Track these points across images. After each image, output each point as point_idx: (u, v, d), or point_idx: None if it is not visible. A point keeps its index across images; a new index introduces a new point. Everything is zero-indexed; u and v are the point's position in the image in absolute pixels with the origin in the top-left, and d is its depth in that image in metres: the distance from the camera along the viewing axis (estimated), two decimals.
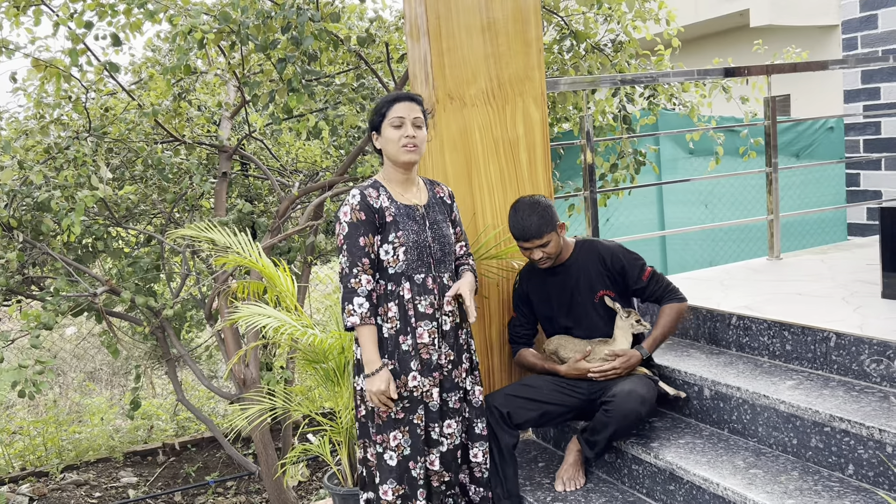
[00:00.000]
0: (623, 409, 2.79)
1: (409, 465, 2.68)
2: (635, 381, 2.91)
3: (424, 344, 2.67)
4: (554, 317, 3.18)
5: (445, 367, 2.74)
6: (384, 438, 2.67)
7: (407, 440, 2.68)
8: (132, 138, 5.22)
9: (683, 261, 6.76)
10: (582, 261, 3.11)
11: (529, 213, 2.97)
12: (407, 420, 2.67)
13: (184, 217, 6.14)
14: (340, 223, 2.63)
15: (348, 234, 2.60)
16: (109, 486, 6.73)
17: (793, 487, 2.51)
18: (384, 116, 2.68)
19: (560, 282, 3.13)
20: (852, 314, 3.14)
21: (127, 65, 5.84)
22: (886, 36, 5.30)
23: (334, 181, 5.27)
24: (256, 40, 4.24)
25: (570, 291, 3.12)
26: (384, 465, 2.68)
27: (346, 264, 2.59)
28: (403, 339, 2.65)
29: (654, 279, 3.08)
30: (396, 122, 2.65)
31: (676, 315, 3.06)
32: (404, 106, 2.67)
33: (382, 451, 2.68)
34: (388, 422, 2.66)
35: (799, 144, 7.22)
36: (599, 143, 5.54)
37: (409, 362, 2.65)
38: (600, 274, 3.09)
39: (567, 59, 5.41)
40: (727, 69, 4.52)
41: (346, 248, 2.60)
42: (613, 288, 3.10)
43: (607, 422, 2.83)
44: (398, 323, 2.65)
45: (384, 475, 2.67)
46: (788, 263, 4.42)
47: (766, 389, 2.84)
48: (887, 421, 2.44)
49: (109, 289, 4.95)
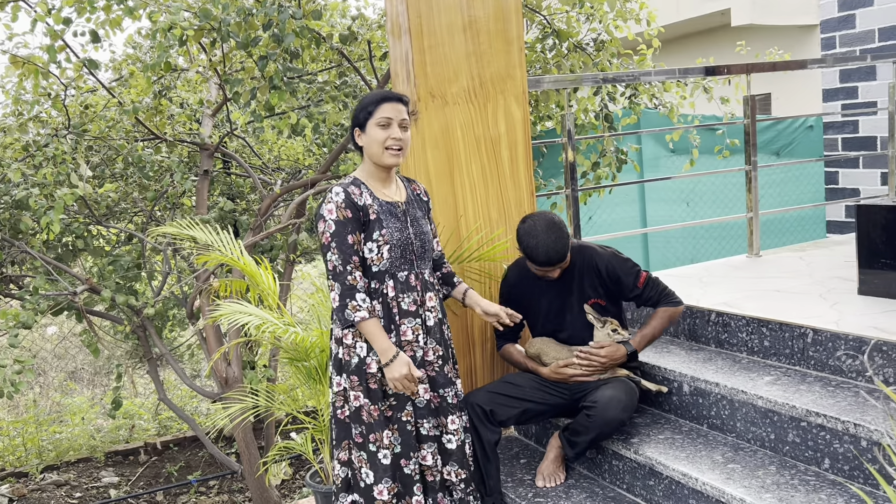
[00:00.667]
0: (605, 415, 2.80)
1: (401, 462, 2.68)
2: (617, 387, 2.90)
3: (409, 341, 2.67)
4: (541, 319, 3.18)
5: (435, 362, 2.74)
6: (377, 437, 2.65)
7: (397, 438, 2.67)
8: (112, 136, 5.18)
9: (665, 258, 6.80)
10: (577, 267, 3.08)
11: (554, 237, 2.88)
12: (395, 418, 2.66)
13: (165, 215, 6.11)
14: (325, 221, 2.59)
15: (336, 232, 2.57)
16: (90, 487, 6.69)
17: (770, 482, 2.54)
18: (371, 115, 2.64)
19: (552, 286, 3.11)
20: (829, 310, 3.18)
21: (107, 62, 5.79)
22: (864, 35, 5.36)
23: (317, 179, 5.26)
24: (238, 37, 4.22)
25: (561, 295, 3.11)
26: (378, 464, 2.66)
27: (339, 262, 2.56)
28: (388, 336, 2.65)
29: (649, 285, 3.05)
30: (384, 122, 2.62)
31: (669, 318, 3.06)
32: (392, 106, 2.64)
33: (376, 450, 2.66)
34: (377, 421, 2.65)
35: (779, 143, 7.29)
36: (581, 141, 5.57)
37: None
38: (593, 282, 3.07)
39: (550, 57, 5.43)
40: (708, 68, 4.56)
41: (335, 246, 2.57)
42: (606, 296, 3.09)
43: (589, 426, 2.84)
44: (382, 321, 2.64)
45: (379, 475, 2.66)
46: (768, 260, 4.47)
47: (744, 385, 2.87)
48: (862, 416, 2.47)
49: (89, 287, 4.92)
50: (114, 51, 8.21)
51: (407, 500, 2.70)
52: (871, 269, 3.37)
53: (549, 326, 3.16)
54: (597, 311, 3.08)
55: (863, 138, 5.49)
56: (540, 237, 2.89)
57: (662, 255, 6.82)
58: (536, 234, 2.90)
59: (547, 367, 3.07)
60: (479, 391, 3.05)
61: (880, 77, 5.28)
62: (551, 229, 2.90)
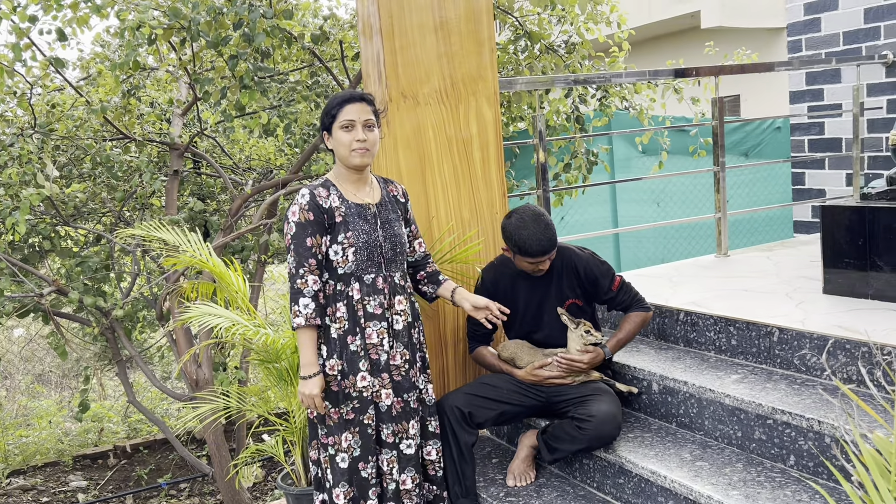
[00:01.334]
0: (600, 431, 2.80)
1: (359, 465, 2.66)
2: (610, 401, 2.89)
3: (373, 344, 2.65)
4: (517, 319, 3.18)
5: (402, 367, 2.71)
6: (335, 440, 2.65)
7: (357, 441, 2.65)
8: (80, 135, 5.12)
9: (636, 258, 6.86)
10: (556, 268, 3.10)
11: (543, 226, 2.90)
12: (357, 420, 2.65)
13: (134, 216, 6.05)
14: (288, 223, 2.61)
15: (295, 235, 2.58)
16: (58, 491, 6.59)
17: (737, 479, 2.58)
18: (334, 118, 2.63)
19: (531, 284, 3.12)
20: (795, 309, 3.23)
21: (75, 60, 5.72)
22: (829, 39, 5.45)
23: (288, 179, 5.24)
24: (208, 37, 4.19)
25: (539, 296, 3.12)
26: (336, 467, 2.65)
27: (294, 264, 2.58)
28: (352, 339, 2.63)
29: (623, 289, 3.10)
30: (347, 124, 2.61)
31: (641, 322, 3.10)
32: (355, 108, 2.62)
33: (334, 453, 2.65)
34: (339, 423, 2.64)
35: (747, 144, 7.39)
36: (553, 142, 5.60)
37: (357, 363, 2.63)
38: (572, 283, 3.09)
39: (521, 59, 5.46)
40: (677, 70, 4.61)
41: (293, 249, 2.58)
42: (583, 297, 3.12)
43: (579, 438, 2.83)
44: (346, 323, 2.63)
45: (336, 478, 2.65)
46: (736, 260, 4.52)
47: (712, 384, 2.91)
48: (825, 413, 2.51)
49: (57, 289, 4.86)
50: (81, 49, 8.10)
51: None
52: (835, 268, 3.43)
53: (526, 328, 3.17)
54: (573, 311, 3.10)
55: (828, 140, 5.59)
56: (530, 228, 2.90)
57: (633, 255, 6.88)
58: (526, 225, 2.91)
59: (522, 369, 3.08)
60: (457, 393, 3.04)
61: (845, 80, 5.37)
62: (539, 219, 2.92)
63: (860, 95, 4.94)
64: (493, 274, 3.19)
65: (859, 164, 4.97)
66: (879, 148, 5.24)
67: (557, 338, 3.10)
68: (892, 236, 3.19)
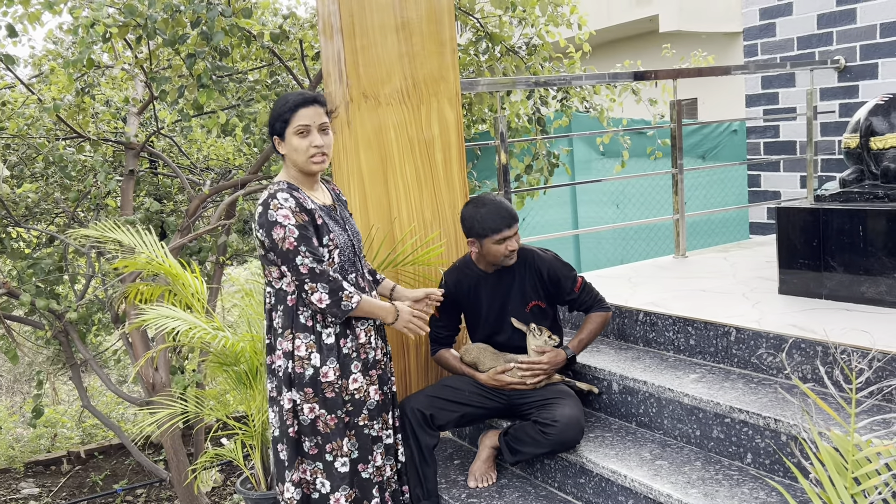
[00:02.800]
0: (563, 436, 2.80)
1: (359, 467, 2.65)
2: (573, 405, 2.90)
3: (362, 344, 2.64)
4: (480, 321, 3.18)
5: (382, 360, 2.74)
6: (334, 446, 2.59)
7: (354, 444, 2.63)
8: (32, 134, 5.00)
9: (596, 259, 6.92)
10: (519, 269, 3.10)
11: (499, 203, 2.99)
12: (353, 423, 2.63)
13: (88, 216, 5.92)
14: (284, 227, 2.46)
15: (301, 237, 2.47)
16: (9, 499, 6.42)
17: (696, 477, 2.61)
18: (287, 123, 2.53)
19: (494, 286, 3.12)
20: (751, 309, 3.28)
21: (26, 57, 5.58)
22: (784, 43, 5.55)
23: (247, 179, 5.17)
24: (165, 35, 4.12)
25: (502, 297, 3.12)
26: (335, 472, 2.60)
27: (315, 263, 2.47)
28: (344, 342, 2.59)
29: (584, 290, 3.12)
30: (301, 129, 2.52)
31: (602, 323, 3.13)
32: (309, 112, 2.52)
33: (333, 458, 2.59)
34: (335, 429, 2.58)
35: (705, 146, 7.51)
36: (514, 144, 5.62)
37: (349, 365, 2.60)
38: (535, 285, 3.10)
39: (483, 60, 5.47)
40: (636, 73, 4.66)
41: (305, 250, 2.46)
42: (545, 298, 3.13)
43: (542, 442, 2.84)
44: (338, 326, 2.58)
45: (335, 483, 2.60)
46: (693, 261, 4.59)
47: (671, 383, 2.94)
48: (782, 411, 2.56)
49: (7, 291, 4.73)
50: (33, 46, 7.91)
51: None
52: (790, 269, 3.49)
53: (489, 329, 3.17)
54: (535, 313, 3.11)
55: (783, 142, 5.70)
56: (488, 206, 2.98)
57: (593, 256, 6.94)
58: (484, 204, 2.99)
59: (484, 373, 3.08)
60: (419, 395, 3.03)
61: (799, 84, 5.48)
62: (495, 199, 3.01)
63: (814, 99, 5.05)
64: (456, 276, 3.18)
65: (813, 166, 5.08)
66: (833, 151, 5.36)
67: (519, 339, 3.11)
68: (846, 237, 3.26)
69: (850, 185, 3.50)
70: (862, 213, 3.21)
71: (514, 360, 3.05)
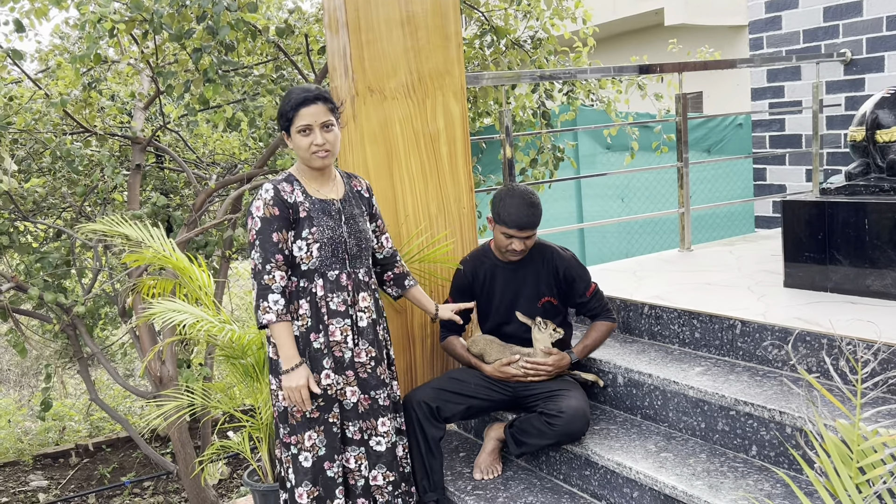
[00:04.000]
0: (570, 428, 2.81)
1: (325, 465, 2.65)
2: (579, 396, 2.92)
3: (337, 342, 2.63)
4: (492, 310, 3.19)
5: (367, 364, 2.69)
6: (298, 439, 2.62)
7: (322, 440, 2.63)
8: (39, 129, 5.01)
9: (601, 253, 6.93)
10: (536, 263, 3.12)
11: (528, 204, 2.97)
12: (322, 419, 2.63)
13: (95, 211, 5.94)
14: (253, 218, 2.55)
15: (261, 230, 2.53)
16: (17, 491, 6.46)
17: (700, 469, 2.62)
18: (291, 121, 2.57)
19: (509, 277, 3.13)
20: (756, 302, 3.29)
21: (33, 52, 5.61)
22: (789, 36, 5.54)
23: (253, 174, 5.19)
24: (171, 29, 4.13)
25: (516, 290, 3.14)
26: (299, 466, 2.63)
27: (259, 261, 2.53)
28: (315, 336, 2.61)
29: (595, 296, 3.14)
30: (303, 128, 2.55)
31: (607, 332, 3.15)
32: (311, 111, 2.54)
33: (297, 452, 2.62)
34: (302, 422, 2.61)
35: (710, 140, 7.50)
36: (519, 137, 5.62)
37: (321, 360, 2.61)
38: (549, 282, 3.11)
39: (488, 54, 5.47)
40: (642, 66, 4.65)
41: (258, 244, 2.53)
42: (558, 297, 3.14)
43: (548, 433, 2.85)
44: (309, 321, 2.60)
45: (299, 477, 2.62)
46: (699, 255, 4.59)
47: (676, 376, 2.95)
48: (787, 403, 2.57)
49: (16, 285, 4.76)
50: (40, 41, 7.93)
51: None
52: (795, 262, 3.49)
53: (498, 319, 3.18)
54: (547, 309, 3.12)
55: (789, 136, 5.69)
56: (517, 200, 2.98)
57: (598, 250, 6.95)
58: (515, 196, 2.99)
59: (490, 365, 3.09)
60: (425, 388, 3.04)
61: (804, 77, 5.47)
62: (529, 197, 3.00)
63: (819, 93, 5.04)
64: (473, 264, 3.20)
65: (819, 160, 5.07)
66: (838, 144, 5.36)
67: (526, 331, 3.12)
68: (851, 231, 3.26)
69: (856, 179, 3.50)
70: (867, 207, 3.21)
71: (521, 354, 3.06)
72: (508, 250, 3.03)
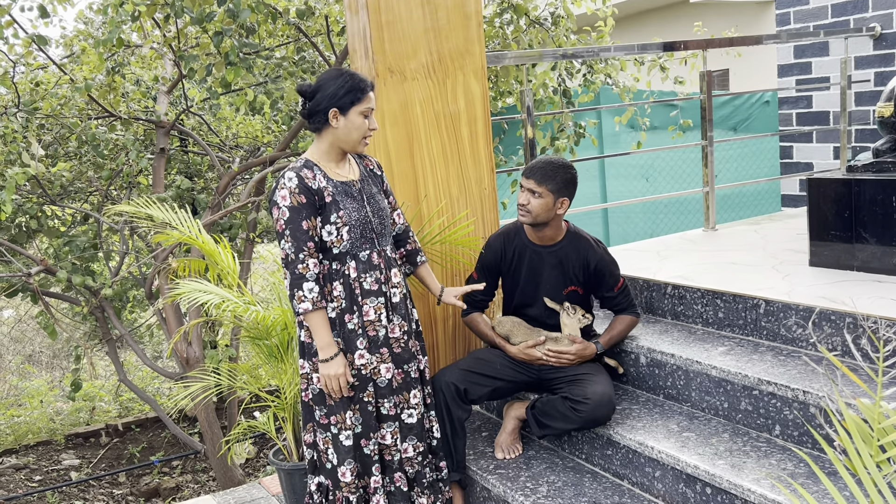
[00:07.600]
0: (596, 414, 2.81)
1: (362, 442, 2.69)
2: (604, 382, 2.91)
3: (371, 321, 2.66)
4: (517, 291, 3.18)
5: (401, 339, 2.73)
6: (338, 419, 2.65)
7: (358, 418, 2.68)
8: (65, 114, 5.07)
9: (625, 233, 6.89)
10: (567, 252, 3.10)
11: (548, 161, 3.00)
12: (357, 398, 2.67)
13: (121, 194, 6.01)
14: (280, 208, 2.55)
15: (290, 219, 2.54)
16: (50, 470, 6.61)
17: (723, 449, 2.61)
18: (358, 101, 2.59)
19: (538, 260, 3.12)
20: (781, 282, 3.26)
21: (58, 38, 5.65)
22: (817, 11, 5.44)
23: (276, 156, 5.21)
24: (192, 13, 4.15)
25: (543, 273, 3.12)
26: (340, 446, 2.67)
27: (292, 250, 2.54)
28: (349, 317, 2.64)
29: (623, 292, 3.13)
30: (367, 112, 2.62)
31: (631, 326, 3.14)
32: (373, 96, 2.65)
33: (338, 431, 2.66)
34: (340, 402, 2.65)
35: (736, 118, 7.40)
36: (540, 117, 5.58)
37: (354, 341, 2.64)
38: (577, 272, 3.10)
39: (508, 33, 5.43)
40: (666, 44, 4.59)
41: (289, 234, 2.54)
42: (584, 287, 3.13)
43: (573, 418, 2.84)
44: (344, 302, 2.63)
45: (342, 456, 2.67)
46: (723, 234, 4.55)
47: (699, 356, 2.93)
48: (811, 383, 2.55)
49: (45, 269, 4.84)
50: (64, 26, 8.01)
51: (366, 480, 2.71)
52: (821, 241, 3.45)
53: (523, 299, 3.18)
54: (572, 298, 3.11)
55: (816, 113, 5.60)
56: (545, 158, 3.05)
57: (622, 230, 6.90)
58: (545, 156, 3.10)
59: (515, 346, 3.10)
60: (452, 369, 3.05)
61: (832, 53, 5.37)
62: (552, 160, 3.03)
63: (848, 68, 4.95)
64: (502, 241, 3.17)
65: (847, 137, 4.99)
66: (867, 121, 5.26)
67: (548, 316, 3.12)
68: (878, 208, 3.21)
69: (884, 155, 3.44)
70: (895, 184, 3.16)
71: (548, 337, 3.06)
72: (518, 205, 3.04)
